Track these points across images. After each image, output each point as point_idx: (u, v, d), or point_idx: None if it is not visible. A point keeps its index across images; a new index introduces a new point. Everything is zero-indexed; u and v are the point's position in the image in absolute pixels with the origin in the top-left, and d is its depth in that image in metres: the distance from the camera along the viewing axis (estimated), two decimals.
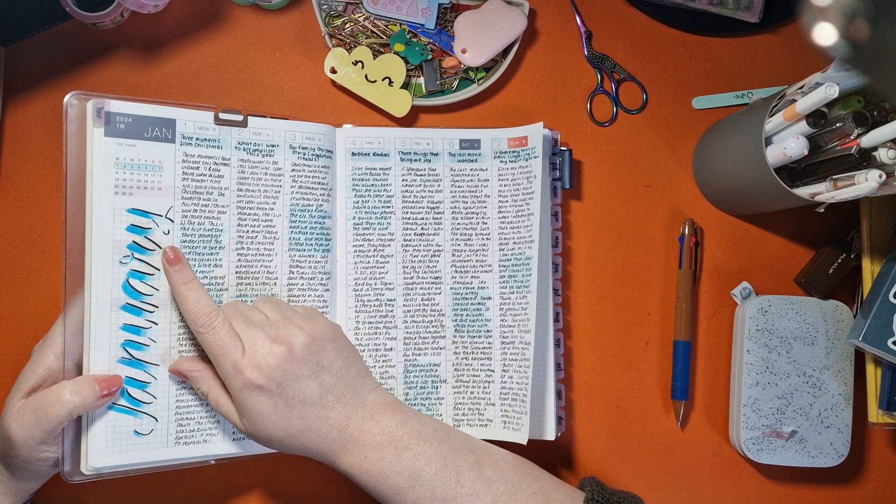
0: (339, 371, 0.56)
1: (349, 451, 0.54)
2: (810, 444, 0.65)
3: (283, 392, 0.53)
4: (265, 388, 0.53)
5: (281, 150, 0.61)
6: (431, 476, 0.54)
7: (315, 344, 0.55)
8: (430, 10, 0.67)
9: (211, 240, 0.59)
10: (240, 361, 0.53)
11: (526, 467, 0.56)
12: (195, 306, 0.54)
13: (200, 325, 0.54)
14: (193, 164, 0.59)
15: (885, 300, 0.62)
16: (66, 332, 0.55)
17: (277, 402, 0.53)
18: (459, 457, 0.55)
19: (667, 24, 0.71)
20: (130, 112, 0.57)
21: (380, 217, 0.64)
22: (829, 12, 0.33)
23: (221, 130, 0.60)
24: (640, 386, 0.68)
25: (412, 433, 0.55)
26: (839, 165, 0.58)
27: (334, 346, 0.56)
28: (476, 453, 0.56)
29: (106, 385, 0.54)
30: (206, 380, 0.56)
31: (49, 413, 0.52)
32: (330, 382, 0.55)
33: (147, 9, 0.62)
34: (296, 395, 0.53)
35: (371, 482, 0.54)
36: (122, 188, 0.56)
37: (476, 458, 0.55)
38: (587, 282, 0.69)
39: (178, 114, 0.58)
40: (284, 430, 0.53)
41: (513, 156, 0.65)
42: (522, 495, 0.54)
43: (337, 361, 0.56)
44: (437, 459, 0.54)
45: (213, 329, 0.54)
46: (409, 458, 0.54)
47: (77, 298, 0.56)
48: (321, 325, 0.57)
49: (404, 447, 0.54)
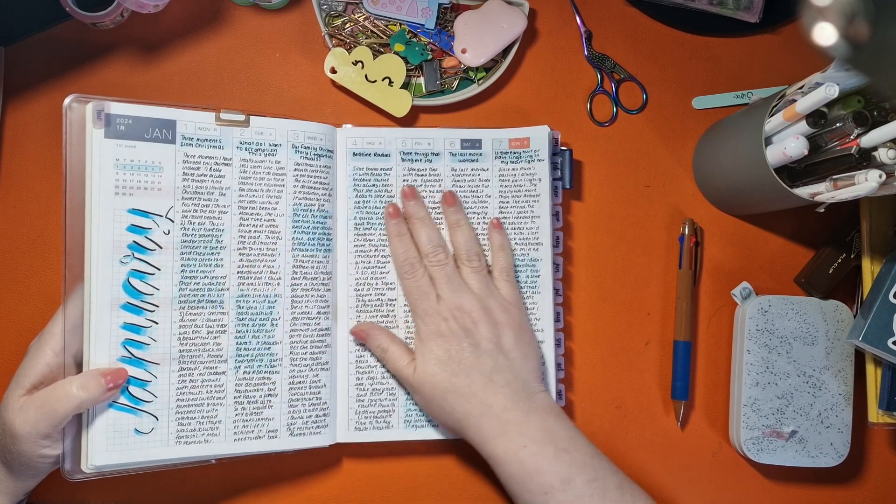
0: (515, 360, 0.59)
1: (507, 434, 0.55)
2: (810, 444, 0.65)
3: (461, 350, 0.58)
4: (447, 337, 0.58)
5: (283, 149, 0.61)
6: (582, 484, 0.54)
7: (499, 328, 0.59)
8: (430, 10, 0.67)
9: (212, 240, 0.59)
10: (433, 307, 0.60)
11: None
12: (403, 255, 0.62)
13: (405, 272, 0.61)
14: (194, 165, 0.59)
15: (885, 300, 0.62)
16: (66, 328, 0.55)
17: (452, 355, 0.58)
18: (608, 474, 0.56)
19: (667, 24, 0.71)
20: (130, 114, 0.57)
21: (381, 217, 0.64)
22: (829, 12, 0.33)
23: (223, 131, 0.60)
24: (640, 386, 0.68)
25: (571, 439, 0.56)
26: (839, 165, 0.58)
27: (518, 336, 0.60)
28: (619, 476, 0.57)
29: (112, 378, 0.54)
30: (384, 335, 0.61)
31: (56, 408, 0.52)
32: (503, 365, 0.58)
33: (147, 9, 0.62)
34: (469, 359, 0.57)
35: (522, 473, 0.55)
36: (123, 189, 0.57)
37: (620, 481, 0.56)
38: (587, 282, 0.69)
39: (179, 115, 0.59)
40: (450, 383, 0.57)
41: (514, 156, 0.65)
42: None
43: (514, 351, 0.59)
44: (589, 470, 0.55)
45: (414, 276, 0.61)
46: (566, 462, 0.55)
47: (75, 295, 0.56)
48: (514, 315, 0.60)
49: (563, 449, 0.55)
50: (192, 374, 0.58)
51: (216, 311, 0.59)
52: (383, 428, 0.63)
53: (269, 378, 0.60)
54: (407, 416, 0.63)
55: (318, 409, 0.61)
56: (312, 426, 0.61)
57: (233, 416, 0.59)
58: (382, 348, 0.61)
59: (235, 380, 0.59)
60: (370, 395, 0.63)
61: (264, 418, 0.59)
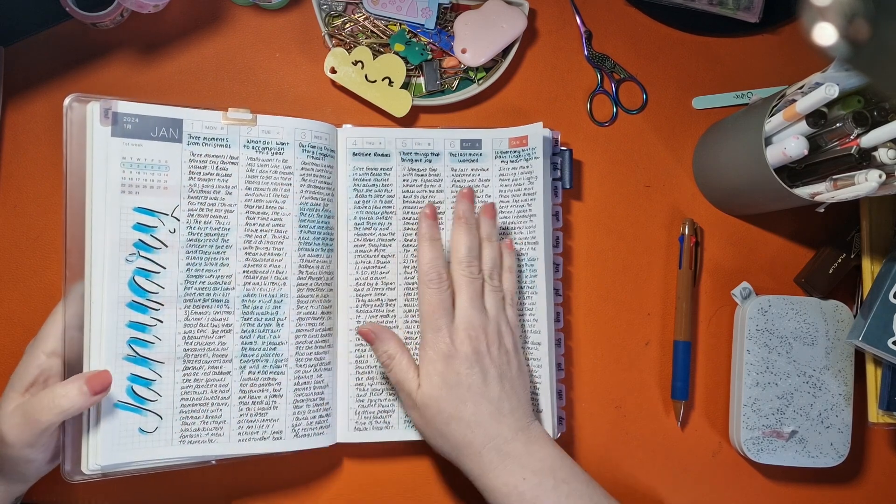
0: (517, 388, 0.58)
1: (507, 467, 0.55)
2: (810, 444, 0.65)
3: (471, 375, 0.56)
4: (458, 360, 0.56)
5: (291, 148, 0.61)
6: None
7: (508, 354, 0.58)
8: (430, 10, 0.67)
9: (218, 238, 0.59)
10: (447, 324, 0.57)
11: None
12: (430, 264, 0.58)
13: (429, 280, 0.58)
14: (200, 164, 0.59)
15: (885, 300, 0.62)
16: (67, 325, 0.55)
17: (461, 379, 0.56)
18: (602, 500, 0.56)
19: (667, 24, 0.71)
20: (137, 112, 0.57)
21: (381, 217, 0.64)
22: (829, 12, 0.33)
23: (230, 129, 0.60)
24: (640, 386, 0.68)
25: (568, 468, 0.56)
26: (839, 165, 0.58)
27: (519, 363, 0.59)
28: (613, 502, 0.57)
29: (93, 385, 0.52)
30: (394, 342, 0.59)
31: (39, 418, 0.51)
32: (508, 392, 0.57)
33: (147, 9, 0.62)
34: (478, 386, 0.56)
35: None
36: (129, 187, 0.57)
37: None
38: (587, 282, 0.69)
39: (186, 114, 0.59)
40: (456, 409, 0.55)
41: (514, 156, 0.65)
42: None
43: (518, 378, 0.58)
44: (586, 499, 0.55)
45: (439, 288, 0.58)
46: (565, 492, 0.55)
47: (74, 293, 0.56)
48: (516, 341, 0.59)
49: (562, 480, 0.55)
50: (196, 374, 0.58)
51: (222, 311, 0.59)
52: (383, 428, 0.63)
53: (275, 379, 0.60)
54: (407, 416, 0.63)
55: (321, 409, 0.61)
56: (316, 427, 0.61)
57: (237, 416, 0.59)
58: (390, 355, 0.59)
59: (241, 380, 0.59)
60: (370, 396, 0.63)
61: (269, 419, 0.59)
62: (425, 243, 0.59)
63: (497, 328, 0.58)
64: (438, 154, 0.65)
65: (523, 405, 0.58)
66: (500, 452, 0.55)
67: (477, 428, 0.55)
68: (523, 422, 0.57)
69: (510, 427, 0.56)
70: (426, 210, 0.60)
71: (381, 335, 0.59)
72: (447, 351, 0.56)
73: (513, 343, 0.59)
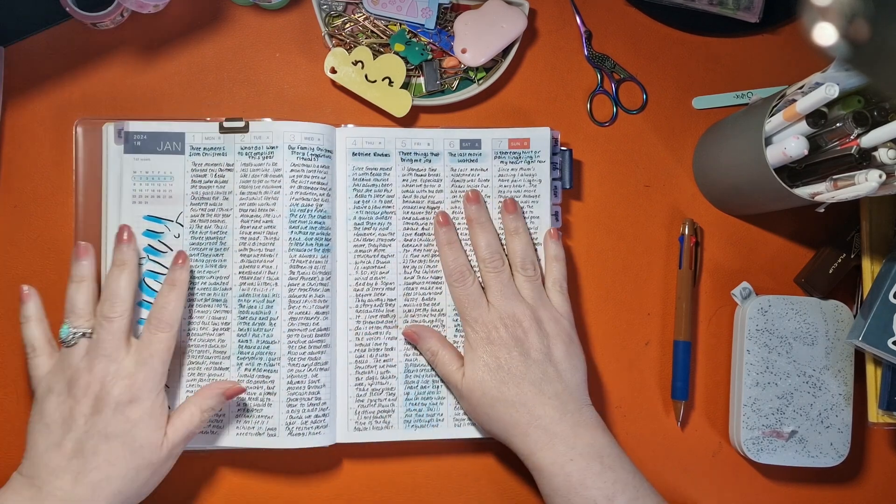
0: (564, 371, 0.59)
1: (555, 447, 0.56)
2: (810, 444, 0.65)
3: (511, 359, 0.58)
4: (497, 345, 0.58)
5: (280, 151, 0.62)
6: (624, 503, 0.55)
7: (549, 338, 0.59)
8: (430, 10, 0.67)
9: (217, 241, 0.62)
10: (483, 315, 0.59)
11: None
12: (453, 263, 0.62)
13: (455, 279, 0.61)
14: (201, 172, 0.62)
15: (885, 300, 0.62)
16: None
17: (501, 363, 0.58)
18: (648, 493, 0.56)
19: (667, 24, 0.71)
20: (145, 130, 0.62)
21: (380, 217, 0.64)
22: (829, 12, 0.33)
23: (226, 138, 0.63)
24: (640, 386, 0.68)
25: (616, 456, 0.57)
26: (839, 165, 0.58)
27: (567, 348, 0.60)
28: (657, 498, 0.57)
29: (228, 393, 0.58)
30: (435, 339, 0.61)
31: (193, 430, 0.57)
32: (552, 376, 0.58)
33: (147, 9, 0.62)
34: (519, 368, 0.57)
35: (567, 487, 0.55)
36: (139, 197, 0.62)
37: (659, 500, 0.57)
38: (587, 282, 0.69)
39: (187, 127, 0.63)
40: (499, 391, 0.57)
41: (513, 157, 0.65)
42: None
43: (564, 362, 0.59)
44: (631, 489, 0.55)
45: (464, 284, 0.61)
46: (611, 479, 0.55)
47: None
48: (564, 327, 0.61)
49: (609, 466, 0.56)
50: (199, 368, 0.61)
51: (220, 310, 0.61)
52: (383, 428, 0.63)
53: (268, 377, 0.61)
54: (407, 416, 0.63)
55: (317, 409, 0.61)
56: (312, 426, 0.61)
57: (235, 410, 0.61)
58: (433, 352, 0.61)
59: (237, 376, 0.61)
60: (370, 395, 0.63)
61: (263, 416, 0.60)
62: (444, 247, 0.63)
63: (534, 315, 0.59)
64: (438, 154, 0.65)
65: (570, 389, 0.58)
66: (548, 432, 0.56)
67: (521, 408, 0.57)
68: (571, 405, 0.57)
69: (555, 408, 0.57)
70: (438, 218, 0.63)
71: (423, 334, 0.62)
72: (486, 338, 0.59)
73: (557, 329, 0.60)
